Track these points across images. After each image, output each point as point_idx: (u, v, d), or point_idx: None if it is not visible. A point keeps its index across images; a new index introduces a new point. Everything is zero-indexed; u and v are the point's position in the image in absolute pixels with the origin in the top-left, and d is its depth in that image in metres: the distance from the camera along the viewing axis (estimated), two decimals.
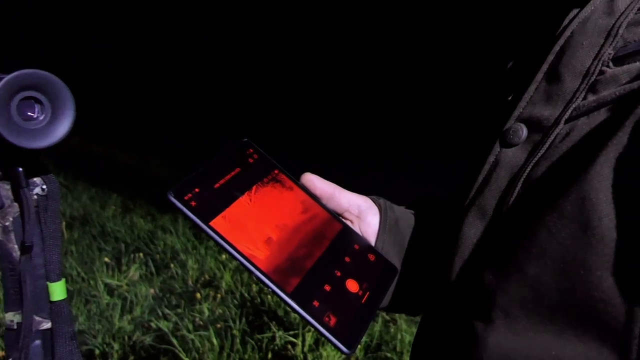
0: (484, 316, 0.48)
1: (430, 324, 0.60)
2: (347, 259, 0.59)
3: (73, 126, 0.51)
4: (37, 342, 0.58)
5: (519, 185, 0.50)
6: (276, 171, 0.62)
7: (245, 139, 0.62)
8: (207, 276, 3.48)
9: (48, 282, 0.58)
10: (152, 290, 3.27)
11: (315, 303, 0.51)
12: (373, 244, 0.65)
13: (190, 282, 3.40)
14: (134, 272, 3.47)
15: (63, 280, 0.58)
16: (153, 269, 3.50)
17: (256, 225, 0.54)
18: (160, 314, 2.99)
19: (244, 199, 0.55)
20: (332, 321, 0.51)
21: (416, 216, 0.72)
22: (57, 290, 0.58)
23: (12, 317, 0.59)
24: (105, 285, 3.27)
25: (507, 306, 0.46)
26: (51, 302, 0.58)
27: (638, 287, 0.39)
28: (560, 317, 0.43)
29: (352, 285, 0.56)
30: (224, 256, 3.68)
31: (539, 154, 0.49)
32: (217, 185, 0.54)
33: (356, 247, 0.61)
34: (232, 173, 0.57)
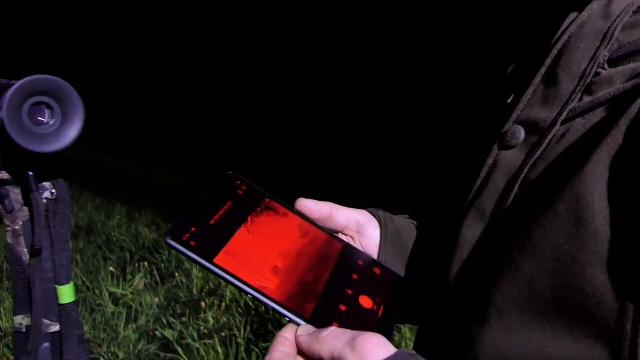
0: (480, 316, 0.48)
1: (428, 329, 0.60)
2: (354, 276, 0.58)
3: (82, 131, 0.53)
4: (46, 344, 0.59)
5: (517, 186, 0.50)
6: (267, 199, 0.61)
7: (230, 172, 0.61)
8: (211, 285, 3.48)
9: (57, 285, 0.59)
10: (156, 299, 3.28)
11: (335, 324, 0.50)
12: (375, 257, 0.65)
13: (194, 291, 3.40)
14: (138, 281, 3.48)
15: (72, 283, 0.59)
16: (158, 278, 3.50)
17: (260, 256, 0.53)
18: (165, 322, 2.99)
19: (241, 231, 0.55)
20: None
21: (419, 226, 0.71)
22: (66, 293, 0.59)
23: (21, 320, 0.60)
24: (110, 294, 3.28)
25: (502, 304, 0.46)
26: (60, 305, 0.59)
27: (629, 283, 0.40)
28: (553, 314, 0.43)
29: (365, 302, 0.55)
30: None
31: (536, 155, 0.50)
32: (212, 222, 0.54)
33: (360, 262, 0.61)
34: (225, 207, 0.56)
